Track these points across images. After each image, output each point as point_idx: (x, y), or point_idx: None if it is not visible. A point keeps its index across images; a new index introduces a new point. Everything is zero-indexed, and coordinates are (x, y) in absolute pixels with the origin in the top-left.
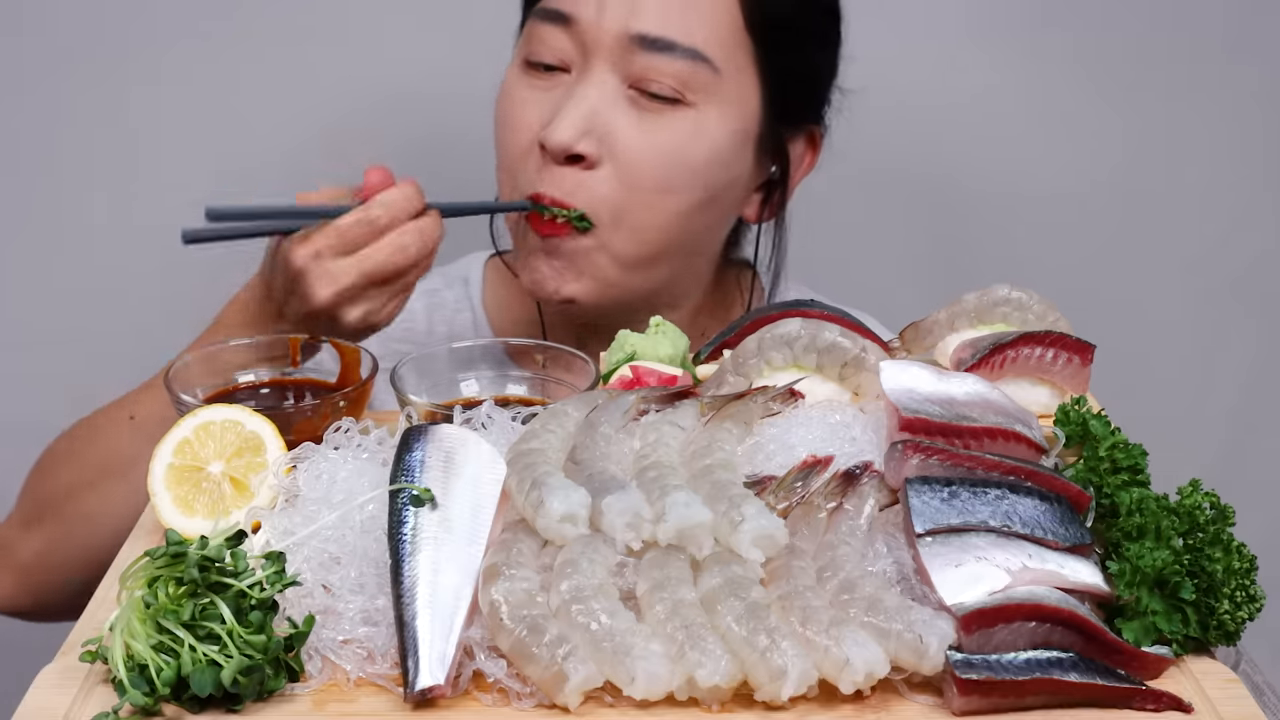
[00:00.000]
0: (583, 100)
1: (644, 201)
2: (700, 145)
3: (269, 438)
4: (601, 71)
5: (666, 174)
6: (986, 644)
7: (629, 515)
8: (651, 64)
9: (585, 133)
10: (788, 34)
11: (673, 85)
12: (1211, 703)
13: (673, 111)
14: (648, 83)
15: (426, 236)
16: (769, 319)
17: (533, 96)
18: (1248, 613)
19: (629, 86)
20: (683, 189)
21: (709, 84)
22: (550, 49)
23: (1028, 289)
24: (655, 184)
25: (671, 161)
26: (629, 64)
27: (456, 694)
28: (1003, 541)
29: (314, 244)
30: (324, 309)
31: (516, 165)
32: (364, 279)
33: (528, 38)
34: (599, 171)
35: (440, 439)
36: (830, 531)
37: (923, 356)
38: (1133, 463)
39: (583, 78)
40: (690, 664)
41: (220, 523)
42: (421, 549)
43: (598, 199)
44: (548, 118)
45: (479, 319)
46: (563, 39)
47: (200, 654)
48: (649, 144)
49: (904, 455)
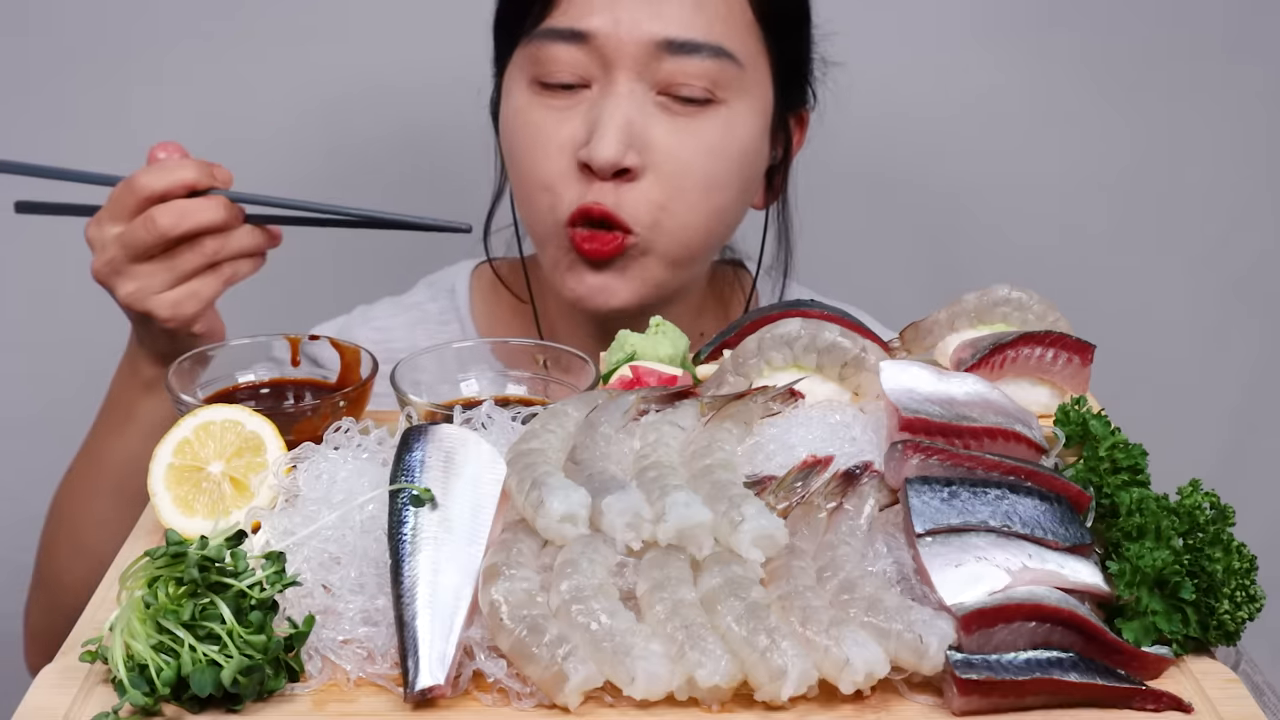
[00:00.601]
0: (617, 112)
1: (688, 204)
2: (735, 140)
3: (269, 438)
4: (627, 81)
5: (708, 175)
6: (986, 644)
7: (629, 515)
8: (679, 68)
9: (628, 146)
10: (789, 18)
11: (703, 86)
12: (1211, 703)
13: (705, 111)
14: (677, 87)
15: (187, 215)
16: (769, 319)
17: (555, 117)
18: (1248, 613)
19: (658, 93)
20: (724, 186)
21: (735, 79)
22: (566, 67)
23: (1028, 289)
24: (698, 186)
25: (711, 162)
26: (655, 70)
27: (456, 694)
28: (1003, 541)
29: (99, 214)
30: (98, 280)
31: (557, 187)
32: (122, 250)
33: (535, 59)
34: (642, 181)
35: (440, 439)
36: (830, 531)
37: (923, 356)
38: (1133, 463)
39: (609, 90)
40: (690, 664)
41: (220, 523)
42: (421, 549)
43: (643, 207)
44: (580, 136)
45: (467, 328)
46: (579, 55)
47: (200, 654)
48: (688, 148)
49: (904, 455)
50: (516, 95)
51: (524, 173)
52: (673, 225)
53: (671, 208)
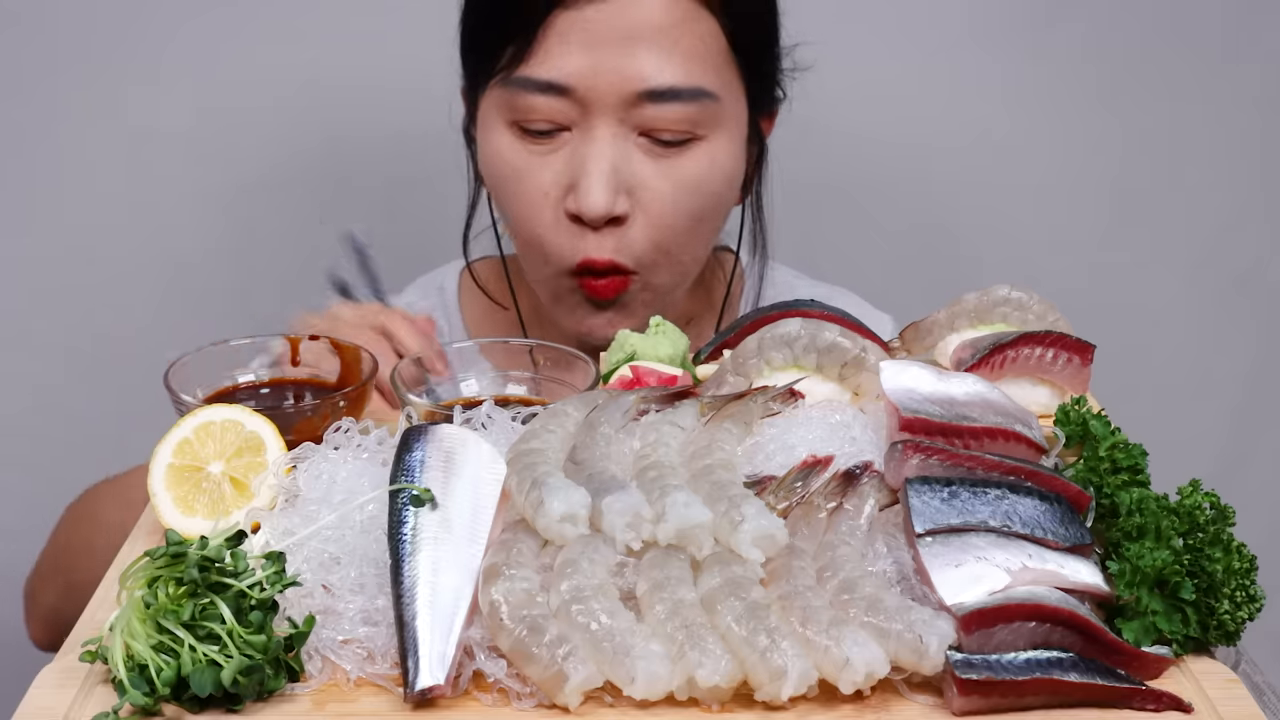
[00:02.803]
0: (601, 160)
1: (680, 241)
2: (718, 172)
3: (269, 438)
4: (608, 126)
5: (696, 210)
6: (986, 644)
7: (629, 515)
8: (659, 114)
9: (616, 192)
10: (762, 42)
11: (683, 128)
12: (1211, 703)
13: (686, 150)
14: (658, 132)
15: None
16: (769, 319)
17: (538, 162)
18: (1248, 613)
19: (639, 134)
20: (709, 219)
21: (714, 114)
22: (545, 115)
23: (1028, 289)
24: (688, 222)
25: (698, 199)
26: (636, 116)
27: (456, 694)
28: (1003, 541)
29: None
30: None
31: (547, 237)
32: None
33: (511, 105)
34: (633, 224)
35: (440, 439)
36: (830, 531)
37: (923, 356)
38: (1133, 463)
39: (589, 135)
40: (690, 664)
41: (220, 523)
42: (421, 549)
43: (640, 248)
44: (564, 180)
45: (454, 325)
46: (557, 105)
47: (200, 654)
48: (673, 188)
49: (904, 455)
50: (495, 136)
51: (513, 220)
52: (668, 261)
53: (666, 245)
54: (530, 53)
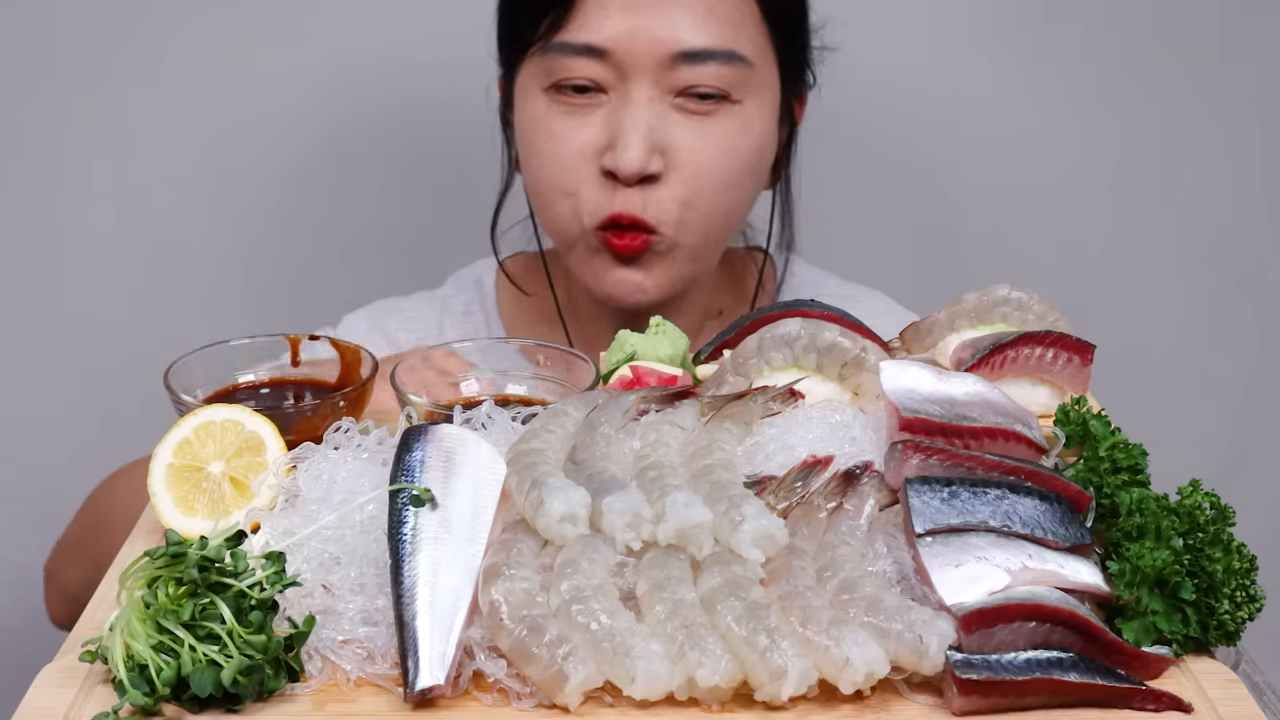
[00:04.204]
0: (639, 120)
1: (709, 201)
2: (750, 138)
3: (269, 438)
4: (645, 88)
5: (726, 173)
6: (986, 644)
7: (629, 515)
8: (694, 74)
9: (651, 152)
10: (793, 13)
11: (718, 87)
12: (1211, 703)
13: (720, 111)
14: (694, 89)
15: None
16: (769, 319)
17: (575, 123)
18: (1248, 613)
19: (674, 95)
20: (740, 183)
21: (747, 79)
22: (583, 75)
23: (1028, 289)
24: (717, 185)
25: (729, 161)
26: (671, 78)
27: (456, 694)
28: (1003, 541)
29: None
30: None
31: (581, 193)
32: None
33: (550, 69)
34: (665, 183)
35: (440, 439)
36: (830, 531)
37: (923, 356)
38: (1133, 463)
39: (627, 97)
40: (690, 664)
41: (220, 523)
42: (421, 549)
43: (668, 207)
44: (601, 141)
45: (491, 319)
46: (595, 67)
47: (200, 654)
48: (707, 148)
49: (904, 455)
50: (532, 103)
51: (545, 179)
52: (695, 222)
53: (694, 205)
54: (568, 19)
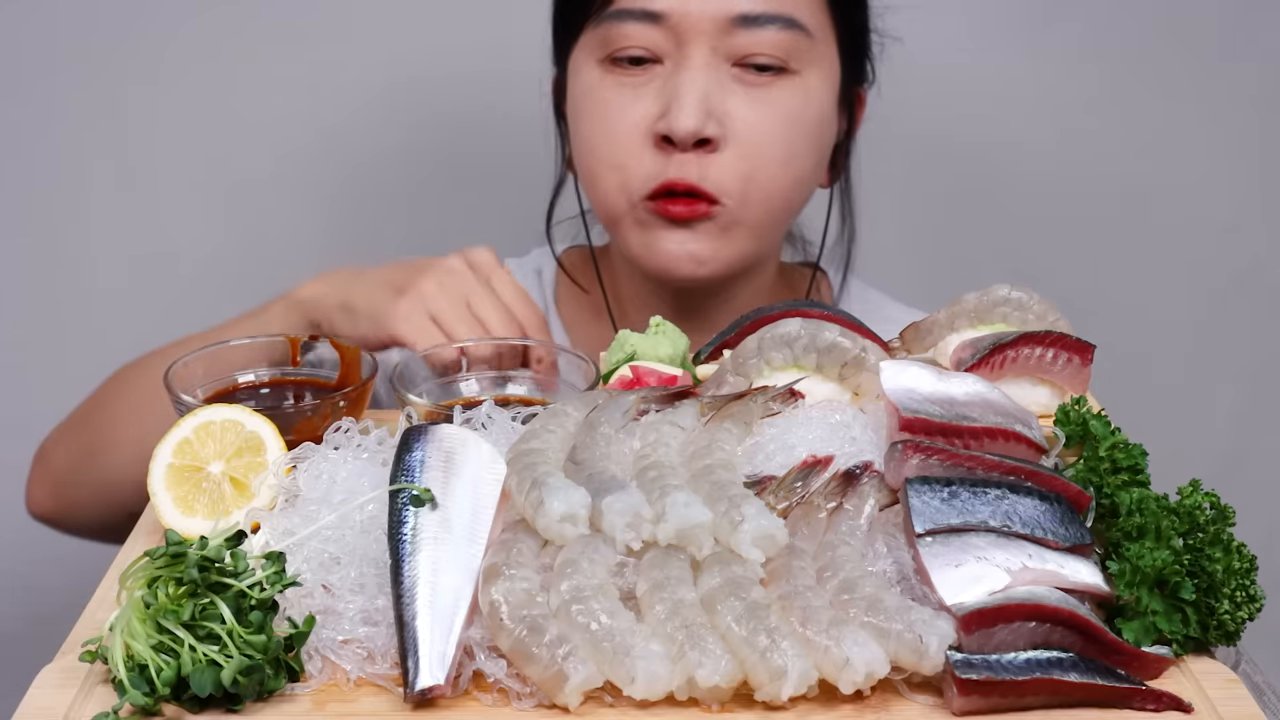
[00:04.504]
0: (695, 82)
1: (769, 173)
2: (811, 109)
3: (269, 438)
4: (702, 55)
5: (788, 144)
6: (986, 644)
7: (629, 515)
8: (752, 40)
9: (708, 116)
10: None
11: (776, 56)
12: (1211, 703)
13: (779, 82)
14: (752, 57)
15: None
16: (769, 319)
17: (629, 94)
18: (1248, 613)
19: (732, 65)
20: (802, 155)
21: (806, 50)
22: (638, 43)
23: (1028, 289)
24: (779, 156)
25: (789, 130)
26: (729, 44)
27: (456, 694)
28: (1003, 541)
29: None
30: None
31: (630, 162)
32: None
33: (605, 39)
34: (723, 153)
35: (440, 439)
36: (830, 531)
37: (923, 356)
38: (1133, 463)
39: (683, 64)
40: (690, 664)
41: (220, 523)
42: (421, 549)
43: (726, 179)
44: (654, 110)
45: (549, 311)
46: (652, 33)
47: (200, 654)
48: (765, 118)
49: (904, 455)
50: (585, 74)
51: (594, 151)
52: (759, 196)
53: (757, 178)
54: None
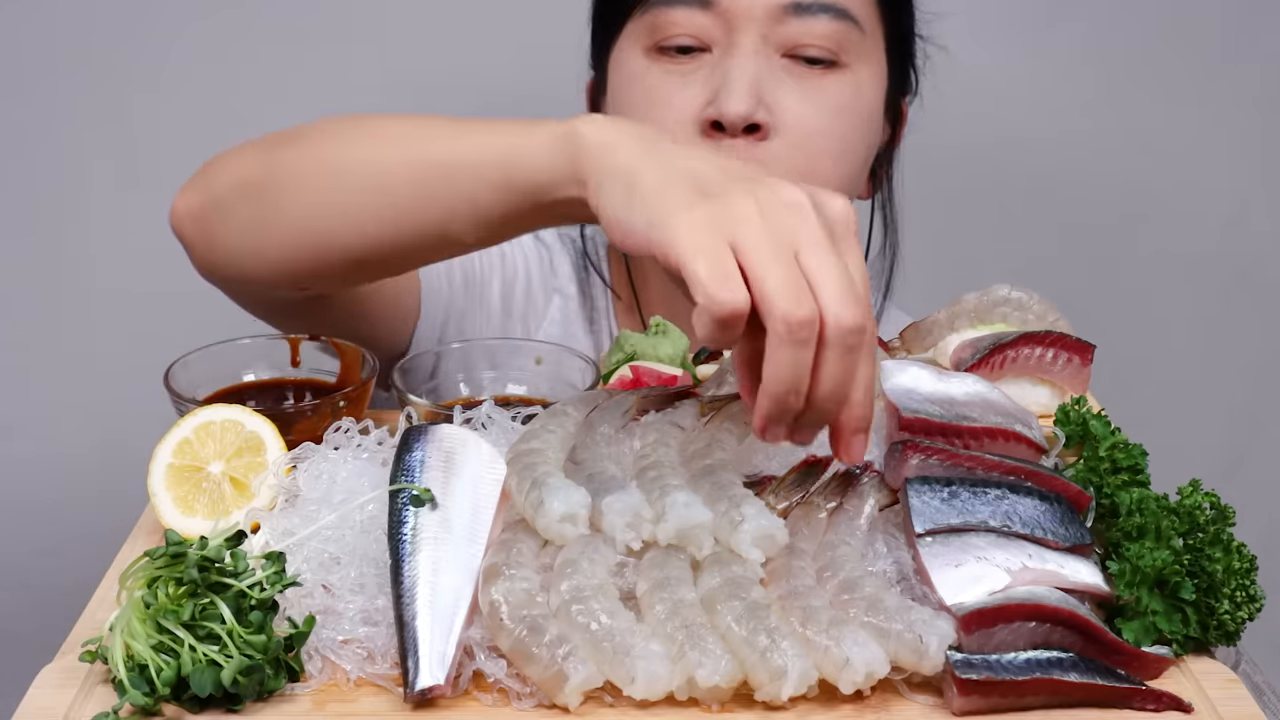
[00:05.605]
0: (745, 67)
1: (824, 166)
2: (862, 103)
3: (269, 438)
4: (752, 43)
5: (840, 138)
6: (986, 644)
7: (629, 515)
8: (803, 29)
9: (757, 102)
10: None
11: (827, 47)
12: (1211, 703)
13: (830, 74)
14: (802, 48)
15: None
16: None
17: (676, 81)
18: (1248, 613)
19: (782, 55)
20: (853, 150)
21: (858, 44)
22: (687, 29)
23: (1028, 289)
24: (831, 149)
25: (841, 123)
26: (779, 33)
27: (456, 694)
28: (1003, 541)
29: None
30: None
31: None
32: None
33: (652, 26)
34: (772, 144)
35: (440, 439)
36: (830, 531)
37: (923, 356)
38: (1133, 463)
39: (732, 51)
40: (690, 664)
41: (220, 523)
42: (421, 549)
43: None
44: (702, 97)
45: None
46: (701, 19)
47: (200, 654)
48: (815, 109)
49: (904, 455)
50: (630, 63)
51: None
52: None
53: (806, 170)
54: None
